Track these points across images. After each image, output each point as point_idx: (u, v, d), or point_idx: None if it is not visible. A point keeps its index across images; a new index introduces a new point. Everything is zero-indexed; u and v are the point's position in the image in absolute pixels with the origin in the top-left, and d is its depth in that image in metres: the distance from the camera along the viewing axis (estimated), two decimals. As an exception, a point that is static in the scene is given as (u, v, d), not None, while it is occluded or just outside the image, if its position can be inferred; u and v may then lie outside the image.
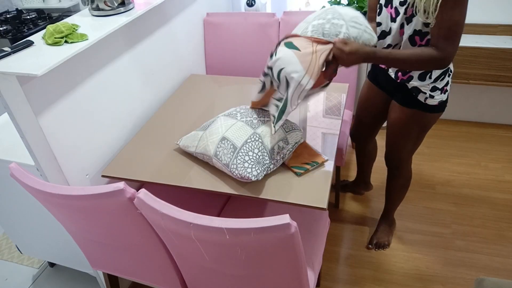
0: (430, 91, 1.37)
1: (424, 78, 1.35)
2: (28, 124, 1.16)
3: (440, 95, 1.38)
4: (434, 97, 1.38)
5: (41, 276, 1.90)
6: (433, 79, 1.34)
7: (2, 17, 2.74)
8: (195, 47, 2.15)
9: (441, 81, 1.36)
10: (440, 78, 1.35)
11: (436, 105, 1.40)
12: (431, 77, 1.34)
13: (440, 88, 1.37)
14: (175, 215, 0.90)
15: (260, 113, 1.37)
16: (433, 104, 1.40)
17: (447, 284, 1.70)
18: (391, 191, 1.77)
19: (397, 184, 1.72)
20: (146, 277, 1.34)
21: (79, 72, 1.34)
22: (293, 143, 1.31)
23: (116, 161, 1.43)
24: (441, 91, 1.38)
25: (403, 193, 1.76)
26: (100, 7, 1.47)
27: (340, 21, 1.21)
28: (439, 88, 1.37)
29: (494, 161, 2.34)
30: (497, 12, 2.27)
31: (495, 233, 1.90)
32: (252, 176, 1.19)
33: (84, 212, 1.07)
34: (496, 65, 2.20)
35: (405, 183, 1.71)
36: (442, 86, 1.37)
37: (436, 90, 1.37)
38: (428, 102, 1.39)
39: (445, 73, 1.35)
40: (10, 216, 1.61)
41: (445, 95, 1.40)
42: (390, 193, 1.78)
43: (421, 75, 1.35)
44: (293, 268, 0.98)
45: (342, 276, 1.77)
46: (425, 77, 1.35)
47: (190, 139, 1.39)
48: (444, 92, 1.39)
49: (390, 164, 1.67)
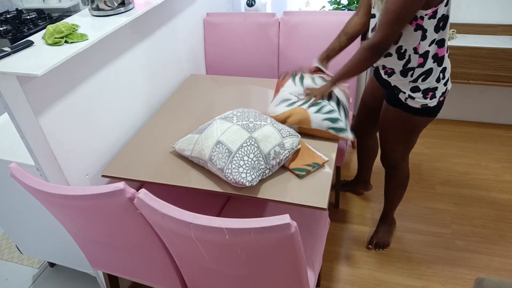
0: (410, 91, 1.35)
1: (405, 74, 1.34)
2: (28, 124, 1.16)
3: (423, 99, 1.35)
4: (415, 99, 1.35)
5: (41, 276, 1.90)
6: (414, 77, 1.33)
7: (2, 17, 2.74)
8: (195, 47, 2.15)
9: (423, 82, 1.33)
10: (421, 77, 1.32)
11: (418, 108, 1.38)
12: (412, 75, 1.33)
13: (422, 90, 1.34)
14: (175, 215, 0.90)
15: (257, 116, 1.36)
16: (414, 107, 1.38)
17: (447, 284, 1.70)
18: (389, 191, 1.77)
19: (395, 184, 1.72)
20: (146, 277, 1.35)
21: (79, 72, 1.34)
22: (289, 148, 1.29)
23: (116, 161, 1.43)
24: (424, 94, 1.34)
25: (401, 193, 1.76)
26: (100, 7, 1.47)
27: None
28: (421, 89, 1.34)
29: (494, 161, 2.34)
30: (497, 12, 2.27)
31: (495, 233, 1.90)
32: (246, 181, 1.18)
33: (84, 212, 1.07)
34: (496, 65, 2.20)
35: (402, 182, 1.71)
36: (425, 88, 1.34)
37: (418, 92, 1.34)
38: (408, 103, 1.38)
39: (428, 73, 1.31)
40: (10, 216, 1.61)
41: (432, 101, 1.36)
42: (388, 193, 1.78)
43: (403, 71, 1.34)
44: (293, 268, 0.98)
45: (342, 276, 1.77)
46: (406, 74, 1.34)
47: (185, 143, 1.38)
48: (430, 97, 1.35)
49: (386, 163, 1.67)
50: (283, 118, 1.46)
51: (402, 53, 1.30)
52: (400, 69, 1.34)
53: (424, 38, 1.25)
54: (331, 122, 1.41)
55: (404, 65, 1.32)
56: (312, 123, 1.42)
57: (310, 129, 1.44)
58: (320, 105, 1.43)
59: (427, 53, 1.28)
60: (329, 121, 1.41)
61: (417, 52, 1.28)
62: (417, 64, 1.30)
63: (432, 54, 1.28)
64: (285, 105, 1.48)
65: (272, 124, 1.34)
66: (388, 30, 1.19)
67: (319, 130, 1.43)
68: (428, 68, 1.30)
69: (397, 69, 1.35)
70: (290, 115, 1.44)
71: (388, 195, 1.79)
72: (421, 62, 1.29)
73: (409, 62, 1.31)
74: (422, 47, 1.26)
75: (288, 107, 1.46)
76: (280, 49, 2.13)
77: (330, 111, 1.42)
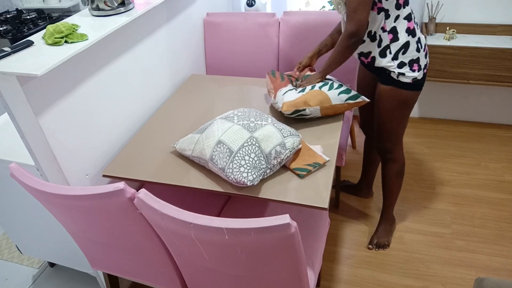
0: (398, 68, 1.44)
1: (384, 54, 1.44)
2: (28, 124, 1.16)
3: (412, 72, 1.44)
4: (405, 74, 1.44)
5: (41, 276, 1.90)
6: (393, 53, 1.43)
7: (2, 17, 2.74)
8: (195, 47, 2.15)
9: (404, 55, 1.42)
10: (401, 51, 1.42)
11: (410, 82, 1.46)
12: (391, 52, 1.43)
13: (407, 63, 1.43)
14: (175, 215, 0.90)
15: (258, 116, 1.36)
16: (406, 82, 1.46)
17: (447, 284, 1.70)
18: (387, 181, 1.76)
19: (392, 171, 1.71)
20: (146, 277, 1.34)
21: (79, 72, 1.34)
22: (290, 148, 1.30)
23: (116, 161, 1.43)
24: (410, 67, 1.44)
25: (399, 182, 1.75)
26: (100, 7, 1.47)
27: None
28: (406, 63, 1.43)
29: (494, 161, 2.34)
30: (497, 12, 2.27)
31: (495, 233, 1.90)
32: (247, 181, 1.18)
33: (84, 212, 1.07)
34: (496, 65, 2.20)
35: (399, 169, 1.71)
36: (409, 60, 1.43)
37: (404, 66, 1.44)
38: (401, 79, 1.46)
39: (406, 46, 1.41)
40: (10, 216, 1.61)
41: (419, 73, 1.45)
42: (386, 184, 1.77)
43: (381, 52, 1.44)
44: (293, 268, 0.98)
45: (342, 276, 1.77)
46: (385, 53, 1.44)
47: (186, 142, 1.38)
48: (416, 70, 1.44)
49: (382, 148, 1.68)
50: (302, 102, 1.49)
51: (373, 36, 1.43)
52: (378, 51, 1.45)
53: (388, 17, 1.38)
54: (346, 93, 1.50)
55: (378, 45, 1.44)
56: (332, 99, 1.50)
57: (332, 106, 1.51)
58: (328, 84, 1.52)
59: (394, 29, 1.40)
60: (344, 93, 1.50)
61: (385, 30, 1.40)
62: (389, 40, 1.42)
63: (403, 29, 1.40)
64: (296, 92, 1.52)
65: (273, 123, 1.34)
66: (356, 16, 1.32)
67: (340, 104, 1.51)
68: (405, 42, 1.41)
69: (374, 52, 1.46)
70: (308, 99, 1.49)
71: (387, 186, 1.77)
72: (391, 37, 1.41)
73: (381, 41, 1.43)
74: (388, 24, 1.39)
75: (300, 93, 1.51)
76: (280, 49, 2.13)
77: (340, 85, 1.52)
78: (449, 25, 2.35)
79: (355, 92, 1.51)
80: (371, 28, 1.42)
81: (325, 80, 1.55)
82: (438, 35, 2.36)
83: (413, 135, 2.62)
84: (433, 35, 2.36)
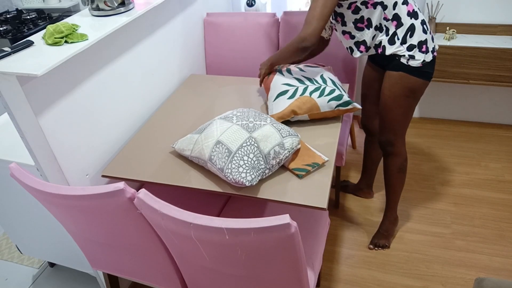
0: (408, 51, 1.45)
1: (393, 41, 1.46)
2: (28, 124, 1.17)
3: (421, 54, 1.45)
4: (415, 57, 1.45)
5: (41, 276, 1.90)
6: (401, 39, 1.44)
7: (2, 17, 2.74)
8: (195, 47, 2.15)
9: (411, 38, 1.44)
10: (408, 34, 1.44)
11: (420, 66, 1.46)
12: (398, 38, 1.45)
13: (416, 45, 1.44)
14: (175, 215, 0.90)
15: (257, 116, 1.36)
16: (417, 66, 1.46)
17: (447, 284, 1.70)
18: (389, 177, 1.74)
19: (395, 166, 1.70)
20: (146, 277, 1.35)
21: (79, 72, 1.34)
22: (289, 148, 1.29)
23: (116, 161, 1.44)
24: (419, 48, 1.44)
25: (402, 178, 1.74)
26: (100, 7, 1.47)
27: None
28: (415, 45, 1.44)
29: (494, 161, 2.34)
30: (497, 12, 2.27)
31: (495, 233, 1.90)
32: (246, 181, 1.18)
33: (84, 212, 1.07)
34: (496, 65, 2.20)
35: (402, 163, 1.70)
36: (417, 42, 1.44)
37: (414, 49, 1.44)
38: (410, 64, 1.46)
39: (412, 29, 1.43)
40: (10, 216, 1.61)
41: (428, 55, 1.45)
42: (389, 180, 1.75)
43: (390, 39, 1.46)
44: (293, 268, 0.98)
45: (342, 276, 1.77)
46: (393, 40, 1.46)
47: (185, 143, 1.38)
48: (425, 51, 1.45)
49: (385, 140, 1.66)
50: (289, 112, 1.48)
51: (379, 27, 1.46)
52: (387, 40, 1.47)
53: (386, 8, 1.40)
54: (337, 100, 1.50)
55: (386, 34, 1.46)
56: (321, 107, 1.50)
57: (321, 113, 1.51)
58: (319, 89, 1.51)
59: (396, 15, 1.42)
60: (334, 100, 1.49)
61: (388, 19, 1.43)
62: (394, 27, 1.44)
63: (404, 13, 1.41)
64: (285, 98, 1.50)
65: (272, 124, 1.34)
66: (313, 24, 1.35)
67: (329, 111, 1.52)
68: (410, 25, 1.43)
69: (384, 41, 1.48)
70: (297, 107, 1.48)
71: (389, 182, 1.76)
72: (396, 24, 1.43)
73: (388, 29, 1.45)
74: (388, 14, 1.42)
75: (290, 100, 1.49)
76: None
77: (331, 91, 1.51)
78: (449, 25, 2.35)
79: (347, 99, 1.50)
80: (374, 21, 1.44)
81: (317, 84, 1.53)
82: (438, 35, 2.36)
83: (413, 135, 2.62)
84: (433, 35, 2.36)
